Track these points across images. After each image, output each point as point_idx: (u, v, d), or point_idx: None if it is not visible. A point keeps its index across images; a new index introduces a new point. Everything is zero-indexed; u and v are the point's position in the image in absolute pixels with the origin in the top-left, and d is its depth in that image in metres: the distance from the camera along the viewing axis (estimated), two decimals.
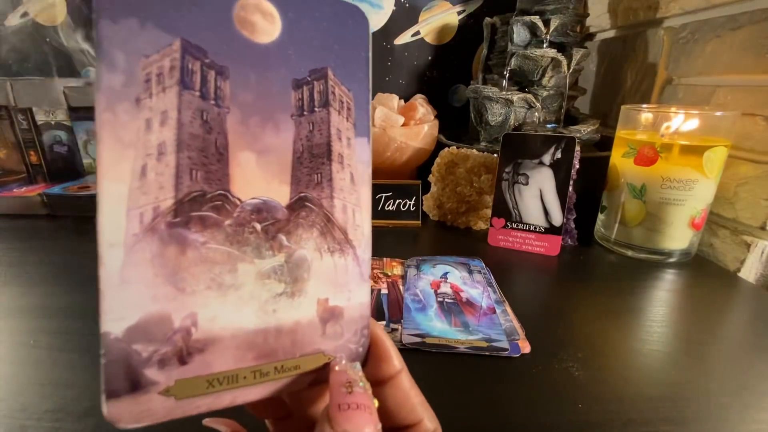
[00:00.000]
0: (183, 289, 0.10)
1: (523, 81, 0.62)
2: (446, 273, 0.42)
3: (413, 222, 0.56)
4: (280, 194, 0.11)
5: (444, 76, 0.80)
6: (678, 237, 0.45)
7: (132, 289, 0.10)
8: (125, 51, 0.09)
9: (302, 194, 0.11)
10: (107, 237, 0.10)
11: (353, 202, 0.12)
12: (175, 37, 0.10)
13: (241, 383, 0.11)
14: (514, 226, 0.49)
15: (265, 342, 0.11)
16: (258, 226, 0.11)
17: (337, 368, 0.12)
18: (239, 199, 0.11)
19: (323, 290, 0.12)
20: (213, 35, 0.10)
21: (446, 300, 0.37)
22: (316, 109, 0.11)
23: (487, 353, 0.30)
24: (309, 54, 0.11)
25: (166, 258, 0.10)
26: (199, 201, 0.10)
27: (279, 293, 0.11)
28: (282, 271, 0.11)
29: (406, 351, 0.31)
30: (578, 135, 0.56)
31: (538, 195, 0.47)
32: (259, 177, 0.11)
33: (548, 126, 0.61)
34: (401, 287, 0.39)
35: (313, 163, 0.11)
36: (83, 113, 0.68)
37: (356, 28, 0.11)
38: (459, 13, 0.76)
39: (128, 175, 0.09)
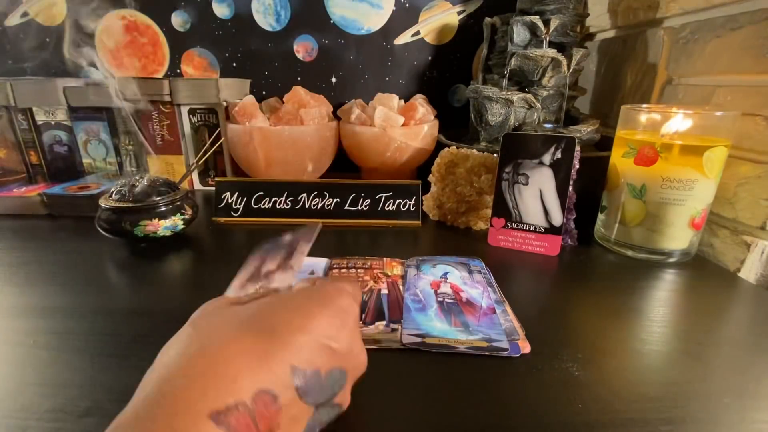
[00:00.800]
0: (247, 289, 0.25)
1: (523, 81, 0.62)
2: (446, 273, 0.42)
3: (413, 222, 0.56)
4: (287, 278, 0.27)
5: (444, 76, 0.80)
6: (678, 237, 0.45)
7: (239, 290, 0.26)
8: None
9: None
10: (229, 292, 0.25)
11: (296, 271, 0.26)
12: None
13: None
14: (514, 226, 0.49)
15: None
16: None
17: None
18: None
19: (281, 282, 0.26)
20: None
21: (446, 300, 0.37)
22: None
23: (487, 353, 0.30)
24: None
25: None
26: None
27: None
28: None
29: (406, 351, 0.31)
30: (578, 135, 0.56)
31: (538, 195, 0.47)
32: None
33: (548, 126, 0.61)
34: (401, 287, 0.39)
35: (288, 268, 0.26)
36: (83, 113, 0.68)
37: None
38: (459, 13, 0.76)
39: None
